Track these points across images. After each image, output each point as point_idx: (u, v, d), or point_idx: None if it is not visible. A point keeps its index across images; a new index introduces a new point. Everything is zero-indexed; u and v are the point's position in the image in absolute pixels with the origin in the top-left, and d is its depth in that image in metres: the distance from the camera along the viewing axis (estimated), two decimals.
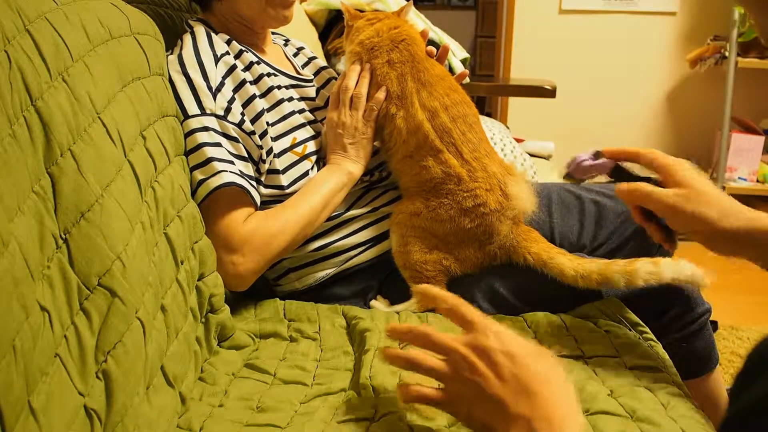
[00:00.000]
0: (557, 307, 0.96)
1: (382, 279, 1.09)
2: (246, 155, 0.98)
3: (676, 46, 2.96)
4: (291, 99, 1.08)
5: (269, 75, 1.07)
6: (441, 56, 1.12)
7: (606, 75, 3.02)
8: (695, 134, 3.04)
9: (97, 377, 0.58)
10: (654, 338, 0.90)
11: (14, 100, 0.56)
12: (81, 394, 0.56)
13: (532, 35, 3.01)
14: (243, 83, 1.00)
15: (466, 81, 1.52)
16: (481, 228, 1.00)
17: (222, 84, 0.98)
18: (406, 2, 1.15)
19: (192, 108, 0.94)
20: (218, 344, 0.91)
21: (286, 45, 1.25)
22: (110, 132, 0.69)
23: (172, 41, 1.03)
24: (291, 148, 1.04)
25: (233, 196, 0.95)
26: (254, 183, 0.98)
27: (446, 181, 1.01)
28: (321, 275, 1.07)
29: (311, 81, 1.17)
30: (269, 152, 1.01)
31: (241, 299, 1.03)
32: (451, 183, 1.01)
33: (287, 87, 1.10)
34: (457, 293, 1.00)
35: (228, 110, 0.96)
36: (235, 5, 1.06)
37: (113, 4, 0.83)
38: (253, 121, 0.99)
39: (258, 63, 1.06)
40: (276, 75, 1.10)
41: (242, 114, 0.98)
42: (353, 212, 1.09)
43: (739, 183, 2.74)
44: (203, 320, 0.87)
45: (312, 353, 0.88)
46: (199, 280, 0.87)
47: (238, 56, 1.05)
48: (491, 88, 2.61)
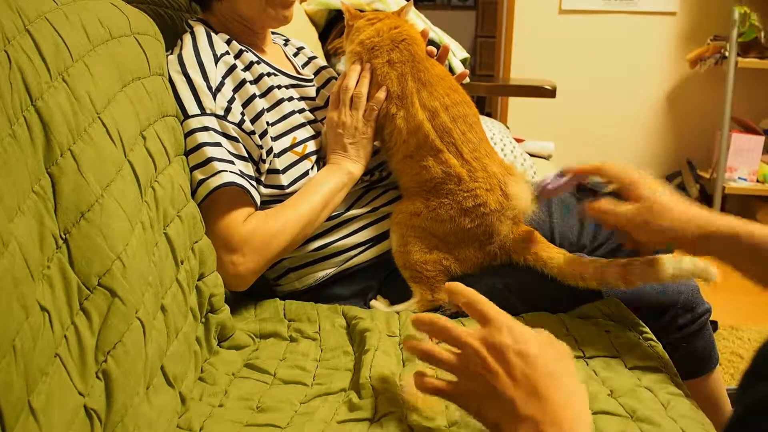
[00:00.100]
0: (557, 307, 0.96)
1: (382, 279, 1.09)
2: (246, 155, 0.98)
3: (676, 46, 2.96)
4: (291, 99, 1.08)
5: (269, 75, 1.07)
6: (441, 56, 1.12)
7: (606, 75, 3.02)
8: (695, 134, 3.04)
9: (97, 377, 0.58)
10: (654, 338, 0.90)
11: (14, 100, 0.56)
12: (81, 394, 0.56)
13: (532, 35, 3.01)
14: (243, 83, 1.00)
15: (466, 81, 1.52)
16: (482, 228, 1.00)
17: (222, 84, 0.98)
18: (407, 2, 1.15)
19: (192, 108, 0.94)
20: (218, 344, 0.91)
21: (286, 45, 1.25)
22: (110, 132, 0.69)
23: (172, 41, 1.03)
24: (291, 148, 1.04)
25: (233, 196, 0.95)
26: (254, 183, 0.98)
27: (446, 181, 1.01)
28: (321, 275, 1.07)
29: (311, 81, 1.17)
30: (269, 152, 1.01)
31: (241, 299, 1.03)
32: (452, 183, 1.01)
33: (287, 87, 1.10)
34: None
35: (228, 110, 0.96)
36: (235, 5, 1.06)
37: (113, 4, 0.83)
38: (253, 121, 0.99)
39: (258, 63, 1.06)
40: (276, 75, 1.10)
41: (242, 114, 0.98)
42: (353, 212, 1.09)
43: (739, 183, 2.74)
44: (203, 320, 0.87)
45: (312, 353, 0.88)
46: (199, 280, 0.87)
47: (238, 56, 1.05)
48: (491, 88, 2.61)
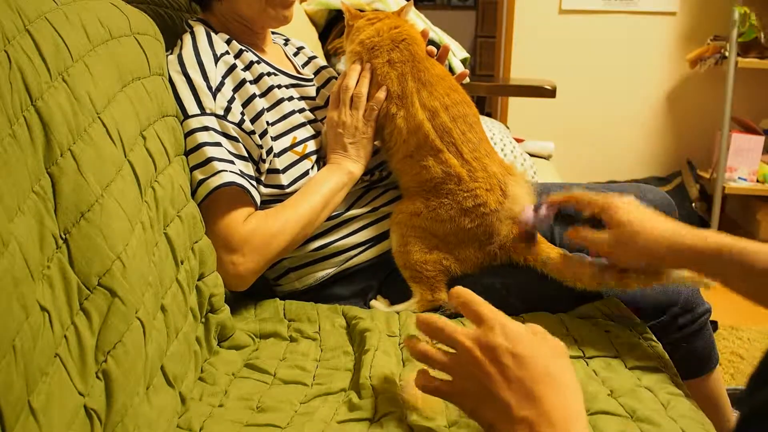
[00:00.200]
0: (557, 307, 0.96)
1: (382, 279, 1.09)
2: (246, 155, 0.98)
3: (676, 46, 2.96)
4: (291, 98, 1.08)
5: (269, 74, 1.07)
6: (441, 56, 1.12)
7: (606, 75, 3.02)
8: (695, 134, 3.04)
9: (97, 377, 0.58)
10: (654, 338, 0.90)
11: (14, 100, 0.56)
12: (81, 394, 0.56)
13: (532, 35, 3.01)
14: (243, 83, 1.00)
15: (466, 81, 1.52)
16: (482, 228, 1.00)
17: (222, 84, 0.98)
18: (407, 2, 1.15)
19: (192, 108, 0.94)
20: (218, 344, 0.91)
21: (286, 44, 1.25)
22: (110, 132, 0.69)
23: (172, 41, 1.03)
24: (291, 148, 1.04)
25: (233, 196, 0.95)
26: (254, 183, 0.98)
27: (446, 181, 1.01)
28: (321, 275, 1.07)
29: (311, 80, 1.17)
30: (269, 152, 1.01)
31: (241, 299, 1.03)
32: (452, 183, 1.01)
33: (287, 86, 1.10)
34: None
35: (228, 110, 0.96)
36: (235, 5, 1.06)
37: (113, 4, 0.83)
38: (253, 121, 0.99)
39: (258, 62, 1.06)
40: (276, 74, 1.10)
41: (242, 113, 0.98)
42: (353, 212, 1.09)
43: (739, 183, 2.74)
44: (203, 320, 0.87)
45: (312, 353, 0.88)
46: (199, 280, 0.87)
47: (238, 56, 1.05)
48: (491, 88, 2.61)
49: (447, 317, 0.96)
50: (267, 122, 1.01)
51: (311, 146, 1.06)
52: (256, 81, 1.04)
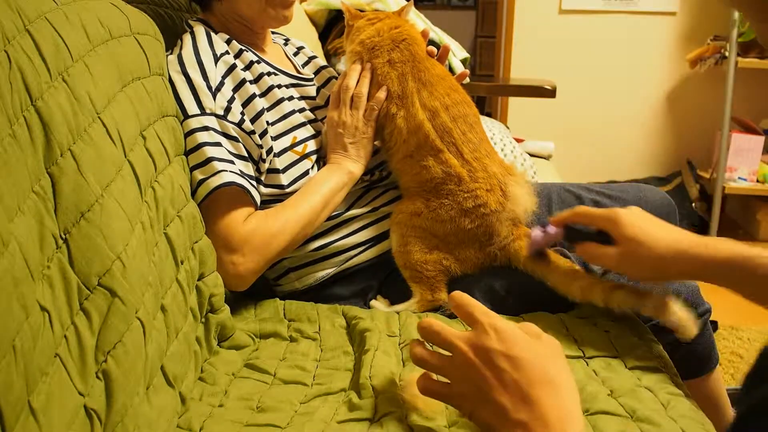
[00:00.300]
0: (557, 307, 0.96)
1: (382, 279, 1.09)
2: (246, 155, 0.98)
3: (676, 46, 2.96)
4: (291, 98, 1.08)
5: (269, 74, 1.07)
6: (442, 56, 1.12)
7: (606, 75, 3.02)
8: (695, 134, 3.04)
9: (97, 377, 0.58)
10: (654, 338, 0.90)
11: (14, 100, 0.56)
12: (81, 394, 0.56)
13: (532, 35, 3.01)
14: (243, 82, 1.00)
15: (467, 81, 1.52)
16: (482, 229, 1.00)
17: (222, 83, 0.98)
18: (407, 2, 1.15)
19: (192, 108, 0.94)
20: (218, 344, 0.90)
21: (286, 44, 1.25)
22: (110, 132, 0.69)
23: (172, 41, 1.03)
24: (291, 147, 1.04)
25: (233, 196, 0.95)
26: (254, 182, 0.98)
27: (447, 181, 1.01)
28: (321, 275, 1.07)
29: (311, 80, 1.17)
30: (269, 151, 1.01)
31: (241, 299, 1.03)
32: (452, 183, 1.01)
33: (287, 86, 1.10)
34: None
35: (228, 110, 0.96)
36: (235, 5, 1.06)
37: (113, 4, 0.83)
38: (253, 121, 0.99)
39: (258, 62, 1.06)
40: (276, 74, 1.10)
41: (242, 113, 0.98)
42: (353, 212, 1.09)
43: (739, 183, 2.74)
44: (203, 320, 0.87)
45: (312, 353, 0.88)
46: (199, 280, 0.87)
47: (238, 55, 1.05)
48: (491, 88, 2.62)
49: (447, 317, 0.96)
50: (267, 122, 1.01)
51: (311, 146, 1.06)
52: (256, 81, 1.04)
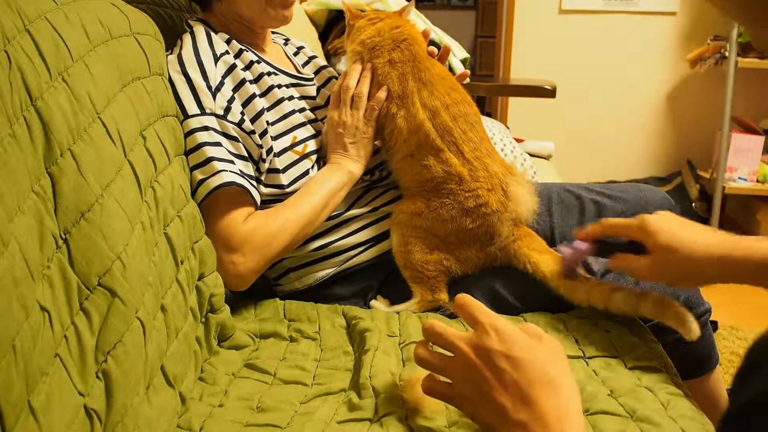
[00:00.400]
0: (557, 307, 0.96)
1: (382, 279, 1.09)
2: (246, 154, 0.98)
3: (676, 46, 2.96)
4: (291, 98, 1.08)
5: (269, 74, 1.07)
6: (442, 56, 1.12)
7: (606, 75, 3.02)
8: (695, 134, 3.04)
9: (97, 377, 0.58)
10: (654, 338, 0.90)
11: (14, 100, 0.56)
12: (81, 394, 0.56)
13: (532, 35, 3.01)
14: (243, 82, 1.00)
15: (467, 81, 1.52)
16: (483, 228, 1.00)
17: (222, 83, 0.98)
18: (407, 2, 1.15)
19: (192, 108, 0.94)
20: (218, 344, 0.90)
21: (287, 44, 1.25)
22: (110, 132, 0.69)
23: (172, 41, 1.03)
24: (291, 147, 1.04)
25: (233, 196, 0.95)
26: (254, 182, 0.98)
27: (447, 181, 1.01)
28: (321, 275, 1.07)
29: (312, 80, 1.17)
30: (269, 151, 1.01)
31: (241, 299, 1.03)
32: (453, 183, 1.01)
33: (287, 86, 1.10)
34: (457, 293, 1.01)
35: (228, 109, 0.96)
36: (235, 5, 1.06)
37: (113, 4, 0.83)
38: (253, 121, 0.99)
39: (258, 62, 1.06)
40: (276, 74, 1.10)
41: (242, 113, 0.98)
42: (353, 212, 1.09)
43: (739, 183, 2.74)
44: (203, 320, 0.87)
45: (312, 353, 0.88)
46: (199, 280, 0.87)
47: (238, 55, 1.05)
48: (491, 88, 2.61)
49: (447, 317, 0.96)
50: (267, 122, 1.01)
51: (311, 146, 1.06)
52: (256, 80, 1.04)
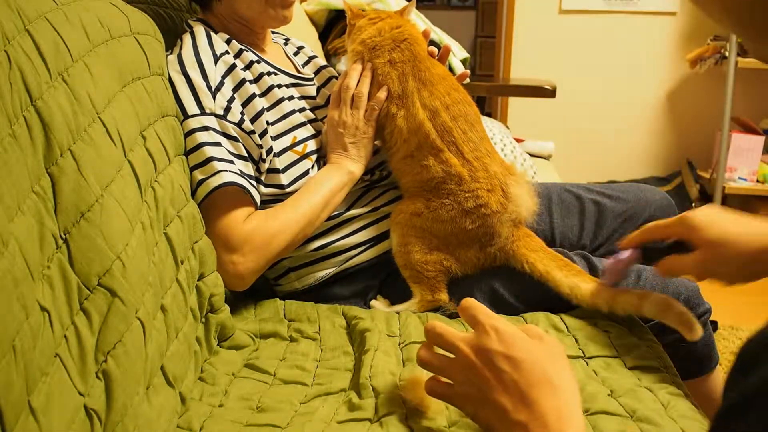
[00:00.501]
0: (557, 307, 0.96)
1: (383, 279, 1.09)
2: (246, 154, 0.98)
3: (676, 46, 2.96)
4: (291, 98, 1.08)
5: (269, 74, 1.07)
6: (442, 56, 1.12)
7: (606, 75, 3.02)
8: (695, 134, 3.04)
9: (97, 377, 0.58)
10: (654, 338, 0.90)
11: (14, 100, 0.56)
12: (81, 394, 0.56)
13: (532, 35, 3.01)
14: (243, 82, 1.00)
15: (467, 81, 1.52)
16: (482, 229, 1.00)
17: (221, 83, 0.98)
18: (408, 2, 1.15)
19: (192, 108, 0.94)
20: (218, 344, 0.90)
21: (287, 44, 1.25)
22: (110, 132, 0.69)
23: (172, 41, 1.03)
24: (291, 147, 1.04)
25: (233, 196, 0.95)
26: (254, 182, 0.98)
27: (447, 181, 1.01)
28: (321, 275, 1.07)
29: (312, 80, 1.17)
30: (269, 151, 1.01)
31: (241, 299, 1.03)
32: (452, 183, 1.01)
33: (287, 86, 1.10)
34: (457, 293, 1.01)
35: (227, 109, 0.96)
36: (235, 5, 1.06)
37: (113, 4, 0.83)
38: (253, 120, 0.99)
39: (258, 62, 1.06)
40: (276, 74, 1.10)
41: (242, 113, 0.98)
42: (353, 212, 1.09)
43: (739, 183, 2.74)
44: (203, 320, 0.87)
45: (312, 353, 0.88)
46: (199, 280, 0.87)
47: (238, 55, 1.05)
48: (491, 88, 2.61)
49: (447, 317, 0.96)
50: (267, 122, 1.01)
51: (311, 146, 1.06)
52: (256, 80, 1.04)
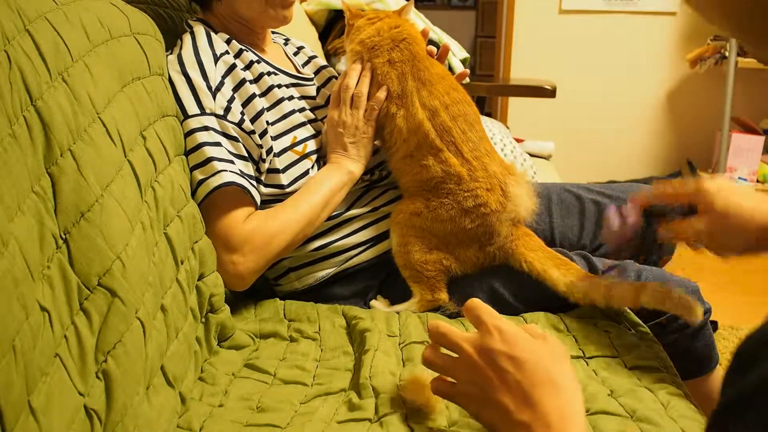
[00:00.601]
0: (556, 305, 0.96)
1: (382, 279, 1.09)
2: (246, 154, 0.98)
3: (676, 46, 2.96)
4: (291, 98, 1.08)
5: (269, 74, 1.07)
6: (441, 56, 1.12)
7: (606, 75, 3.02)
8: (695, 134, 3.04)
9: (97, 377, 0.58)
10: (654, 338, 0.90)
11: (14, 100, 0.56)
12: (81, 394, 0.56)
13: (532, 35, 3.01)
14: (243, 82, 1.00)
15: (467, 81, 1.52)
16: (482, 228, 1.00)
17: (221, 83, 0.98)
18: (407, 2, 1.15)
19: (192, 108, 0.94)
20: (218, 344, 0.90)
21: (287, 44, 1.25)
22: (110, 132, 0.69)
23: (172, 41, 1.03)
24: (291, 147, 1.04)
25: (233, 196, 0.95)
26: (254, 182, 0.98)
27: (446, 181, 1.01)
28: (321, 275, 1.07)
29: (312, 80, 1.17)
30: (269, 151, 1.01)
31: (241, 299, 1.03)
32: (452, 182, 1.01)
33: (287, 86, 1.10)
34: (457, 293, 1.01)
35: (228, 109, 0.96)
36: (235, 5, 1.06)
37: (113, 4, 0.83)
38: (253, 120, 0.99)
39: (258, 62, 1.06)
40: (276, 74, 1.10)
41: (242, 113, 0.98)
42: (353, 212, 1.09)
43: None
44: (203, 320, 0.87)
45: (312, 353, 0.88)
46: (199, 280, 0.87)
47: (238, 55, 1.05)
48: (491, 88, 2.61)
49: (447, 317, 0.96)
50: (267, 122, 1.01)
51: (311, 146, 1.06)
52: (256, 80, 1.04)
